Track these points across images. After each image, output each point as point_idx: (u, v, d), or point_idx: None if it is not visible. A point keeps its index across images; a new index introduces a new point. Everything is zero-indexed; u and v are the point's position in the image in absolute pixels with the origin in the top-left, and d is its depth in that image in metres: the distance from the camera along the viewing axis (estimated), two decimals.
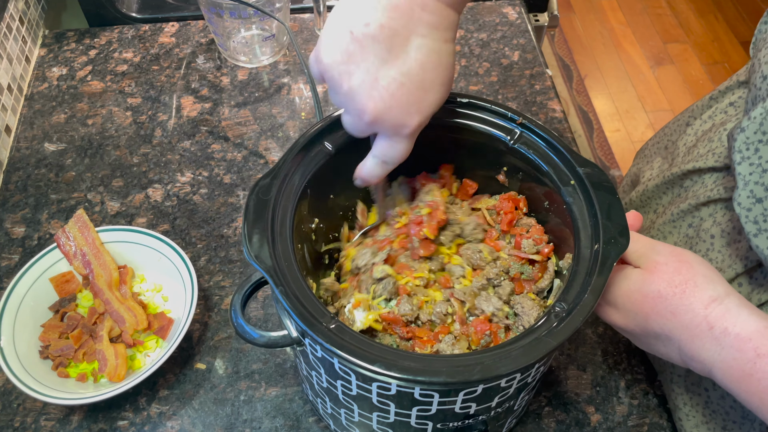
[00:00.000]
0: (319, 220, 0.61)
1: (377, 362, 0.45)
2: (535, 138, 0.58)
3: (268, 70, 1.02)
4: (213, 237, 0.82)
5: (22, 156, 0.91)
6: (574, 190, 0.55)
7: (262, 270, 0.50)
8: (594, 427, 0.68)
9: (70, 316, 0.71)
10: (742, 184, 0.52)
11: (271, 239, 0.52)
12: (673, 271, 0.50)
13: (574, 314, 0.47)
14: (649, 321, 0.50)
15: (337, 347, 0.46)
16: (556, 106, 0.97)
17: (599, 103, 2.45)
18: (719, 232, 0.60)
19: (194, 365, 0.72)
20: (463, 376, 0.44)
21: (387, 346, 0.47)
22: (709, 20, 2.75)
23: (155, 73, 1.01)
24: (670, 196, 0.70)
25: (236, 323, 0.53)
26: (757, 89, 0.55)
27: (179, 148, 0.92)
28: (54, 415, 0.68)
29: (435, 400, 0.49)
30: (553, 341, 0.45)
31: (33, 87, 0.99)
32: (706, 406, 0.62)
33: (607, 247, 0.50)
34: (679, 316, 0.48)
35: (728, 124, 0.64)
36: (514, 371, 0.45)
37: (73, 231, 0.74)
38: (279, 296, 0.48)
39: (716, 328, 0.47)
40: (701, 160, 0.64)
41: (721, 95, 0.70)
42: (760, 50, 0.57)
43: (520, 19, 1.10)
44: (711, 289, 0.48)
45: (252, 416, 0.68)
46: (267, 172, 0.56)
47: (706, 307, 0.48)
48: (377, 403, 0.52)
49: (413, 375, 0.44)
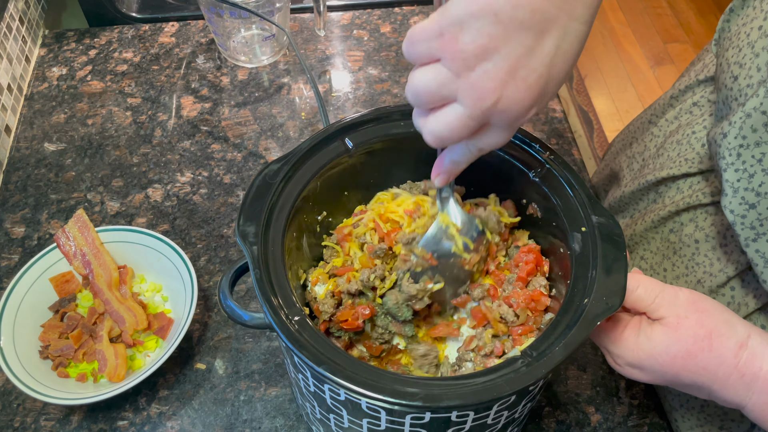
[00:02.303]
0: (327, 213, 0.61)
1: (324, 364, 0.44)
2: (558, 175, 0.56)
3: (268, 70, 1.02)
4: (213, 237, 0.82)
5: (21, 156, 0.91)
6: (582, 238, 0.52)
7: (244, 248, 0.50)
8: (594, 427, 0.68)
9: (70, 316, 0.71)
10: (731, 192, 0.51)
11: (264, 222, 0.52)
12: (696, 324, 0.48)
13: (536, 365, 0.45)
14: (680, 377, 0.49)
15: (292, 341, 0.46)
16: (557, 105, 0.97)
17: (599, 103, 2.45)
18: (703, 237, 0.60)
19: (194, 365, 0.72)
20: (404, 399, 0.43)
21: (342, 351, 0.46)
22: (710, 20, 2.75)
23: (155, 73, 1.01)
24: (645, 201, 0.70)
25: (225, 305, 0.53)
26: (728, 89, 0.54)
27: (179, 148, 0.92)
28: (54, 415, 0.68)
29: (383, 416, 0.48)
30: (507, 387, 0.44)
31: (33, 87, 0.99)
32: (701, 410, 0.62)
33: (596, 304, 0.47)
34: (711, 370, 0.47)
35: (695, 126, 0.64)
36: (456, 406, 0.44)
37: (72, 231, 0.74)
38: (253, 279, 0.48)
39: (747, 375, 0.47)
40: (675, 167, 0.64)
41: (681, 94, 0.70)
42: (727, 50, 0.56)
43: None
44: (734, 334, 0.47)
45: (252, 416, 0.68)
46: (279, 157, 0.56)
47: (736, 355, 0.47)
48: (331, 406, 0.51)
49: (356, 385, 0.44)
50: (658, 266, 0.66)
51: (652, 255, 0.67)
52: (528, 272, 0.57)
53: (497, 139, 0.46)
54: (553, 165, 0.56)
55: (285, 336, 0.46)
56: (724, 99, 0.55)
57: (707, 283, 0.59)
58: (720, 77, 0.56)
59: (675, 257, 0.63)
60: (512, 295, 0.56)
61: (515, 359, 0.46)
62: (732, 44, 0.56)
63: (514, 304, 0.56)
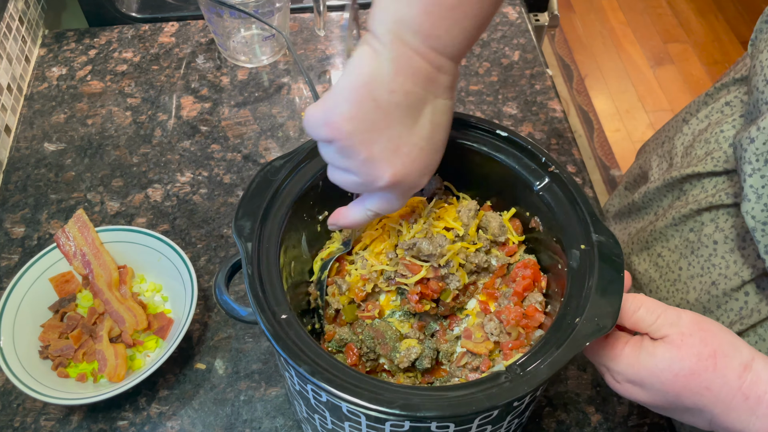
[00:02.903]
0: (329, 213, 0.61)
1: (305, 365, 0.44)
2: (562, 190, 0.55)
3: (268, 70, 1.02)
4: (213, 237, 0.82)
5: (21, 156, 0.91)
6: (581, 255, 0.51)
7: (239, 242, 0.50)
8: (594, 428, 0.68)
9: (69, 316, 0.71)
10: (755, 197, 0.50)
11: (261, 218, 0.52)
12: (700, 342, 0.47)
13: (519, 383, 0.44)
14: (681, 398, 0.48)
15: (276, 338, 0.46)
16: (557, 105, 0.97)
17: (599, 103, 2.45)
18: (722, 238, 0.59)
19: (194, 365, 0.72)
20: (382, 405, 0.43)
21: (326, 353, 0.46)
22: (710, 20, 2.75)
23: (155, 73, 1.01)
24: (670, 198, 0.69)
25: (221, 300, 0.53)
26: (759, 92, 0.54)
27: (179, 148, 0.92)
28: (54, 415, 0.68)
29: (363, 421, 0.48)
30: (486, 402, 0.43)
31: (33, 87, 0.99)
32: None
33: (587, 324, 0.46)
34: (714, 391, 0.46)
35: (724, 125, 0.64)
36: (433, 417, 0.43)
37: (72, 231, 0.74)
38: (244, 274, 0.49)
39: (751, 398, 0.46)
40: (700, 165, 0.63)
41: (716, 92, 0.69)
42: (762, 52, 0.56)
43: (520, 19, 1.10)
44: (739, 355, 0.47)
45: (252, 416, 0.68)
46: (283, 155, 0.56)
47: (740, 377, 0.46)
48: (315, 406, 0.51)
49: (335, 388, 0.43)
50: (674, 264, 0.65)
51: (669, 252, 0.66)
52: (524, 287, 0.56)
53: (392, 207, 0.53)
54: (558, 179, 0.56)
55: (269, 333, 0.46)
56: (755, 102, 0.55)
57: (721, 285, 0.59)
58: (753, 79, 0.56)
59: (692, 256, 0.63)
60: (504, 311, 0.55)
61: (500, 374, 0.45)
62: (767, 46, 0.55)
63: (505, 321, 0.55)
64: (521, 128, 0.94)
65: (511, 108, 0.97)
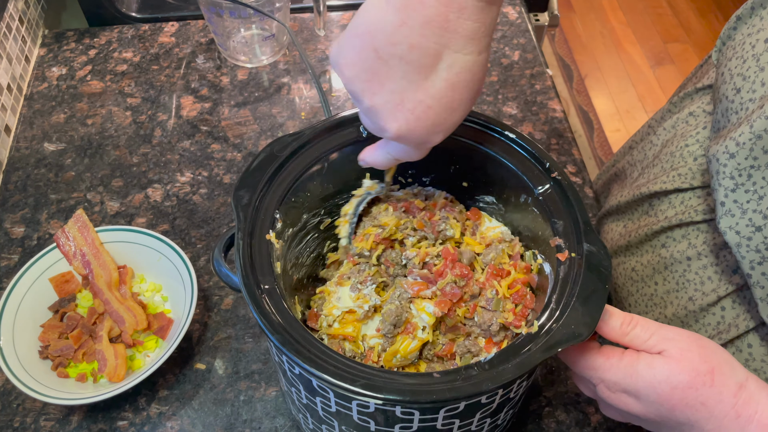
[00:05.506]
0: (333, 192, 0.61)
1: (278, 335, 0.45)
2: (560, 197, 0.55)
3: (267, 70, 1.02)
4: (213, 237, 0.82)
5: (21, 156, 0.91)
6: (569, 262, 0.51)
7: (235, 209, 0.50)
8: (594, 428, 0.68)
9: (69, 317, 0.71)
10: (739, 212, 0.50)
11: (261, 191, 0.53)
12: (698, 358, 0.46)
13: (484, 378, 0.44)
14: (675, 412, 0.47)
15: (255, 305, 0.46)
16: (557, 105, 0.97)
17: (599, 103, 2.45)
18: (695, 255, 0.59)
19: (194, 365, 0.72)
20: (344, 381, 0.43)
21: (302, 326, 0.47)
22: (710, 20, 2.75)
23: (155, 73, 1.01)
24: (639, 212, 0.69)
25: (220, 272, 0.54)
26: (728, 101, 0.53)
27: (179, 148, 0.92)
28: (54, 415, 0.68)
29: (331, 397, 0.48)
30: (447, 393, 0.43)
31: (33, 87, 0.99)
32: None
33: (562, 330, 0.46)
34: (710, 407, 0.46)
35: (689, 138, 0.63)
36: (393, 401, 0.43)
37: (72, 231, 0.74)
38: (236, 242, 0.50)
39: (742, 416, 0.46)
40: (668, 182, 0.63)
41: (680, 101, 0.69)
42: (730, 59, 0.55)
43: (520, 19, 1.10)
44: (735, 374, 0.47)
45: (252, 416, 0.68)
46: (292, 133, 0.57)
47: (735, 395, 0.46)
48: (291, 378, 0.51)
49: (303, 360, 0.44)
50: (650, 279, 0.65)
51: (643, 267, 0.66)
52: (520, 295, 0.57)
53: (409, 156, 0.51)
54: (558, 186, 0.56)
55: (250, 299, 0.47)
56: (723, 111, 0.54)
57: (698, 301, 0.59)
58: (720, 88, 0.55)
59: (666, 272, 0.63)
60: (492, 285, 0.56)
61: (470, 367, 0.45)
62: (736, 54, 0.55)
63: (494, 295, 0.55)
64: (521, 128, 0.95)
65: (511, 108, 0.97)
